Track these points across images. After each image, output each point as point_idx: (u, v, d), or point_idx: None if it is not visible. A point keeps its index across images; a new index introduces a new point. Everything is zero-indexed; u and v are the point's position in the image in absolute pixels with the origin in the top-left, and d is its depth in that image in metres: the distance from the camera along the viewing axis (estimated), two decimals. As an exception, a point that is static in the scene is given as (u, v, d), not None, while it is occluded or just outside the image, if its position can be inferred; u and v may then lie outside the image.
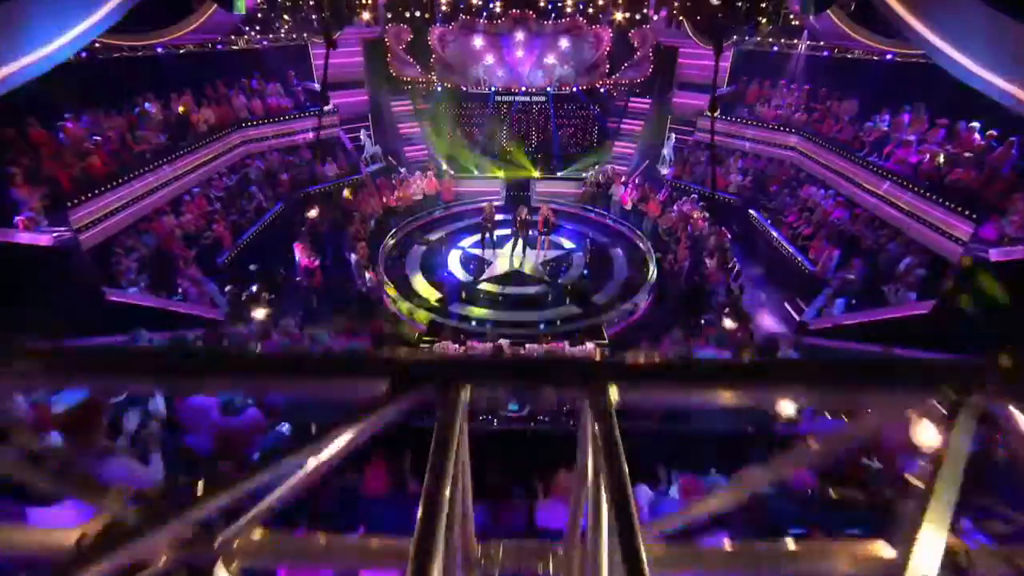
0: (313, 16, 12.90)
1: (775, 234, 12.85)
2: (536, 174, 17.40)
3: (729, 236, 12.79)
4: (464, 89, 17.60)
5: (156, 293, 9.95)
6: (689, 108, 17.07)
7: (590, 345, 9.09)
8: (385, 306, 11.70)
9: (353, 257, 12.01)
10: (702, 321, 11.31)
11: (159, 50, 13.22)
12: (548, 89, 17.53)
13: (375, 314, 11.00)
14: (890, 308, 9.26)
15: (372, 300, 11.72)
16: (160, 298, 9.84)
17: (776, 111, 15.04)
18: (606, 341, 10.46)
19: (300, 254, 11.80)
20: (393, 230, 14.06)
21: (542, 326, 10.78)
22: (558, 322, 11.08)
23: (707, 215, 13.38)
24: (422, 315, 11.11)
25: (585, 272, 12.93)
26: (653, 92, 18.06)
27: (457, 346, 8.85)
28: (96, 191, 10.28)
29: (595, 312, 11.43)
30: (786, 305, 11.62)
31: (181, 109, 13.12)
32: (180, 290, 10.40)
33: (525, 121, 18.19)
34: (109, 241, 10.25)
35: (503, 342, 8.69)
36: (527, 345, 8.99)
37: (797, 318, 10.81)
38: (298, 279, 11.95)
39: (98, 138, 10.98)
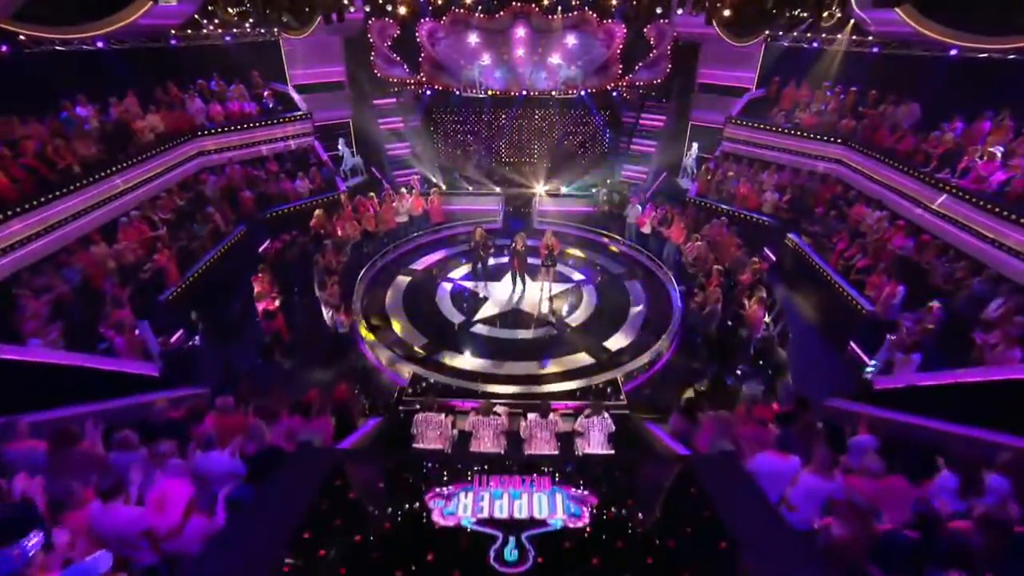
0: (267, 11, 11.40)
1: (821, 264, 11.39)
2: (539, 190, 16.33)
3: (766, 268, 11.33)
4: (457, 92, 16.44)
5: (72, 346, 8.36)
6: (713, 113, 15.93)
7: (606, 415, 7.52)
8: (362, 356, 10.31)
9: (322, 296, 10.54)
10: (737, 372, 9.89)
11: (99, 45, 11.78)
12: (553, 93, 16.45)
13: (345, 371, 9.62)
14: (986, 368, 7.67)
15: (345, 349, 10.34)
16: (76, 353, 8.26)
17: (817, 117, 13.69)
18: (624, 401, 8.88)
19: (259, 292, 10.30)
20: (373, 259, 12.71)
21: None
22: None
23: (741, 242, 11.91)
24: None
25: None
26: (672, 95, 17.14)
27: (443, 417, 7.26)
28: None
29: (610, 362, 9.92)
30: (838, 354, 10.13)
31: (121, 115, 11.67)
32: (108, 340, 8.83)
33: (526, 129, 17.17)
34: (13, 279, 8.69)
35: (500, 410, 7.39)
36: (529, 416, 7.35)
37: (857, 373, 9.29)
38: (258, 320, 10.43)
39: (6, 151, 9.43)
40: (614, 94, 16.57)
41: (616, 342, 10.44)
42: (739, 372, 9.95)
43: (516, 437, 7.21)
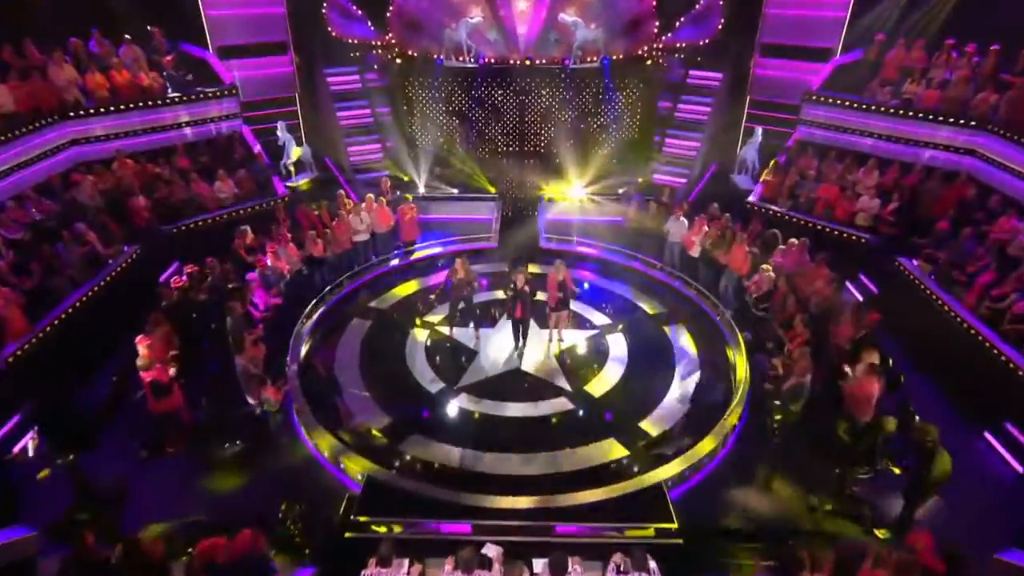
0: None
1: (952, 305, 9.61)
2: (548, 193, 15.37)
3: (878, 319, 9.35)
4: (438, 59, 14.96)
5: None
6: (782, 85, 14.91)
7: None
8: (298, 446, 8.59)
9: (239, 361, 8.61)
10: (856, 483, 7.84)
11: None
12: (566, 61, 15.00)
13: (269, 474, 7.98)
14: None
15: (271, 440, 8.67)
16: None
17: (938, 90, 12.16)
18: (674, 524, 7.00)
19: (146, 357, 8.23)
20: (320, 295, 11.23)
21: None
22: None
23: (831, 275, 10.13)
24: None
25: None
26: (726, 61, 15.97)
27: (405, 570, 6.00)
28: None
29: (650, 454, 8.26)
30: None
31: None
32: None
33: (530, 109, 15.77)
34: None
35: (492, 553, 6.08)
36: (536, 565, 6.21)
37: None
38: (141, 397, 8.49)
39: None
40: (648, 61, 15.13)
41: (657, 422, 8.91)
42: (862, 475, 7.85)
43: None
